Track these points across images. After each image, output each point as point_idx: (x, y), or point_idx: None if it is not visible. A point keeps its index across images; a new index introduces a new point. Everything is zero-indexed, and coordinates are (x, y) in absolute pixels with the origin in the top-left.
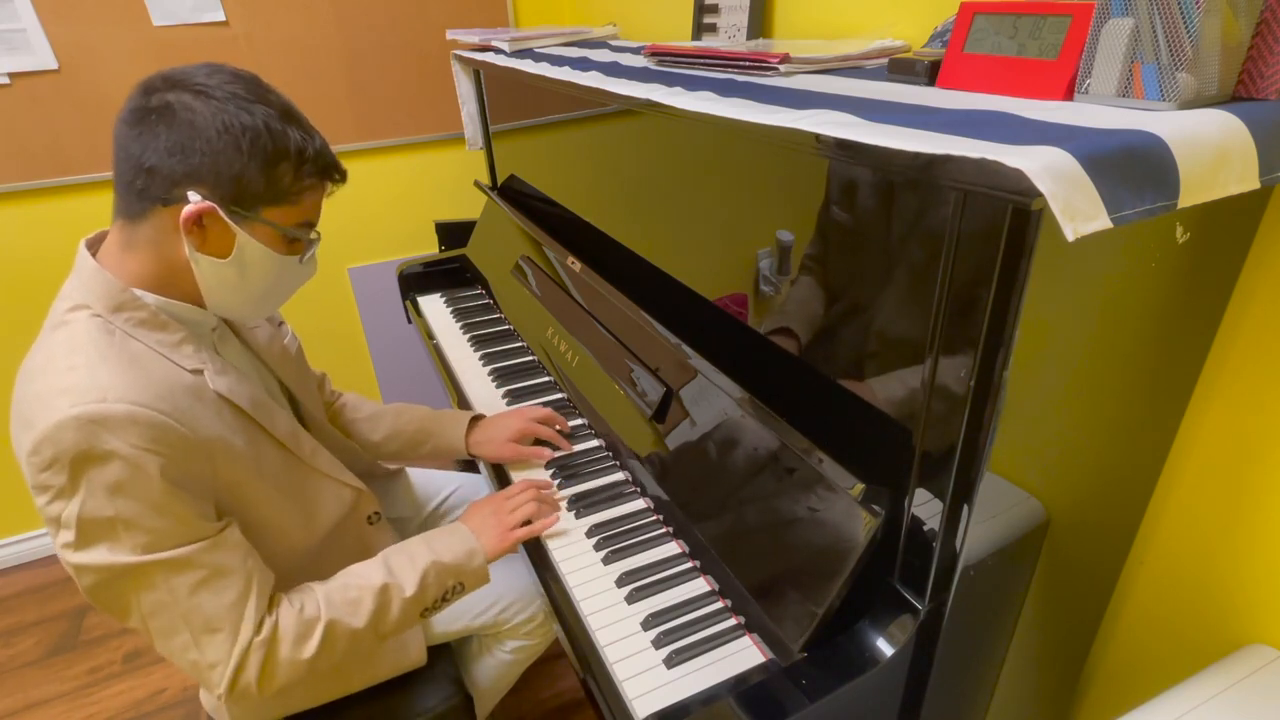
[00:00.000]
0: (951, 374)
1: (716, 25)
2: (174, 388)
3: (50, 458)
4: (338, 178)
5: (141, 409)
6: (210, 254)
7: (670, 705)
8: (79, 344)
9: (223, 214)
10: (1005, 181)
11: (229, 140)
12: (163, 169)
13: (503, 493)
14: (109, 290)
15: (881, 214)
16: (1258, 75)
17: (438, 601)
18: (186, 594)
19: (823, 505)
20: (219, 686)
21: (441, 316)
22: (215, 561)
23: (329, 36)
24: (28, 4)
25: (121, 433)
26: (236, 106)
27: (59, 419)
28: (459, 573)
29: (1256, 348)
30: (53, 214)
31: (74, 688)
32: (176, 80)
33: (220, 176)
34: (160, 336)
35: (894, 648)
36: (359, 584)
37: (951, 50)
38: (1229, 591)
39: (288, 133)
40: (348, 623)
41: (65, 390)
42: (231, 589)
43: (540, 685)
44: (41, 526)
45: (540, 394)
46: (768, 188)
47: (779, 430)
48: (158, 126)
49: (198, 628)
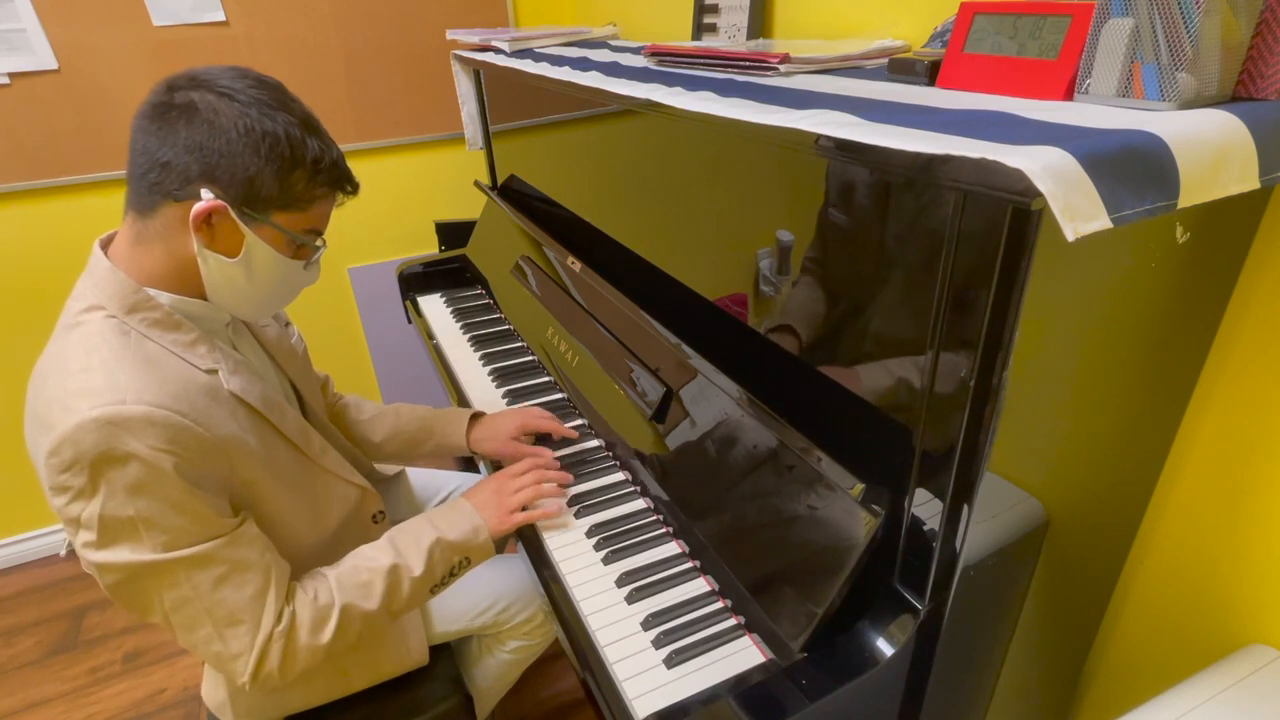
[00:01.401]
0: (951, 374)
1: (716, 25)
2: (189, 388)
3: (70, 459)
4: (349, 189)
5: (159, 410)
6: (218, 252)
7: (670, 705)
8: (95, 345)
9: (233, 214)
10: (1005, 181)
11: (248, 143)
12: (178, 165)
13: (506, 471)
14: (123, 290)
15: (882, 214)
16: (1258, 75)
17: (445, 578)
18: (209, 589)
19: (822, 505)
20: (243, 675)
21: (441, 316)
22: (235, 556)
23: (329, 36)
24: (28, 4)
25: (140, 434)
26: (260, 112)
27: (79, 421)
28: (465, 549)
29: (1256, 348)
30: (53, 214)
31: (74, 688)
32: (202, 80)
33: (235, 177)
34: (175, 337)
35: (894, 648)
36: (368, 567)
37: (951, 50)
38: (1229, 591)
39: (307, 142)
40: (361, 606)
41: (84, 392)
42: (252, 583)
43: (540, 685)
44: (42, 526)
45: (540, 394)
46: (768, 188)
47: (778, 430)
48: (178, 123)
49: (221, 621)
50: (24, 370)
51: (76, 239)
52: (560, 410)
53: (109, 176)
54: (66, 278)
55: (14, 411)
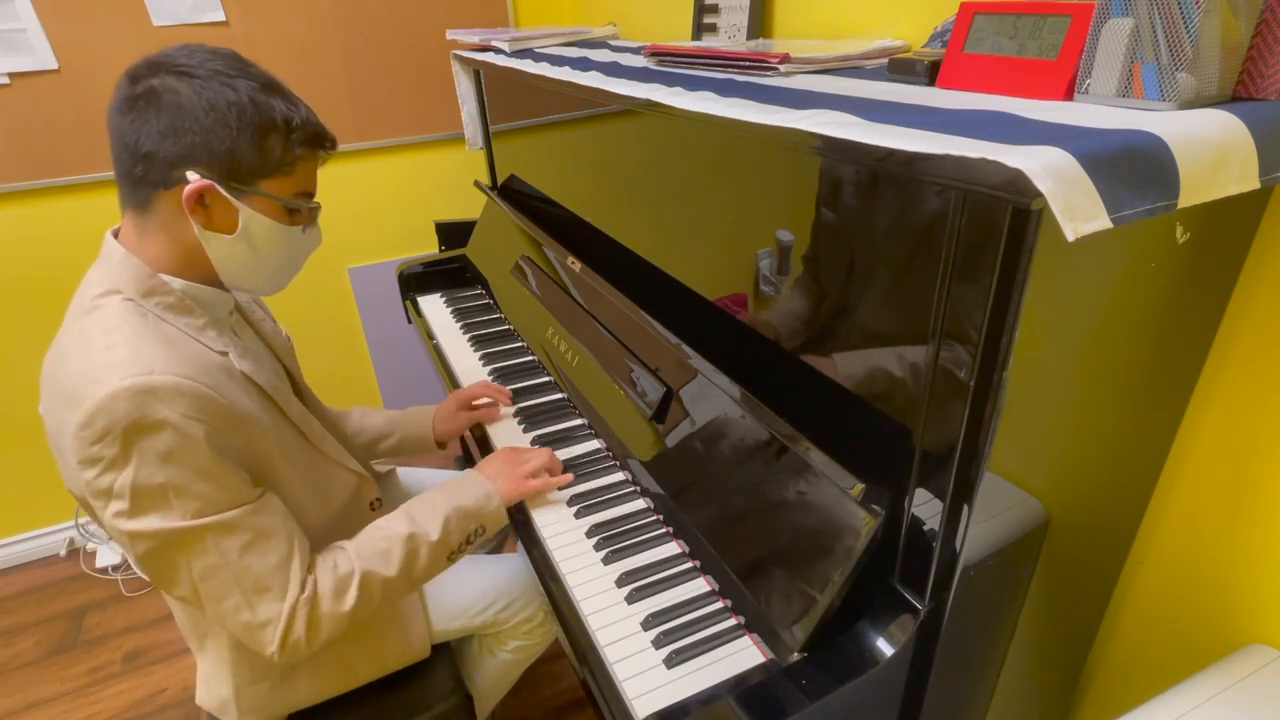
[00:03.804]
0: (951, 374)
1: (716, 25)
2: (208, 365)
3: (103, 429)
4: (328, 145)
5: (186, 380)
6: (217, 231)
7: (670, 705)
8: (115, 325)
9: (222, 190)
10: (1005, 182)
11: (216, 117)
12: (159, 153)
13: (514, 447)
14: (139, 276)
15: (882, 214)
16: (1258, 75)
17: (462, 545)
18: (236, 556)
19: (822, 505)
20: (272, 645)
21: (441, 316)
22: (259, 525)
23: (328, 36)
24: (28, 4)
25: (170, 402)
26: (220, 83)
27: (110, 391)
28: (479, 516)
29: (1256, 348)
30: (53, 214)
31: (74, 688)
32: (158, 64)
33: (214, 153)
34: (188, 320)
35: (894, 648)
36: (386, 535)
37: (951, 50)
38: (1229, 591)
39: (272, 104)
40: (381, 572)
41: (112, 365)
42: (276, 551)
43: (540, 685)
44: (42, 526)
45: (540, 394)
46: (768, 188)
47: (779, 430)
48: (147, 112)
49: (249, 588)
50: (23, 370)
51: (76, 239)
52: (560, 410)
53: (109, 176)
54: (66, 277)
55: (14, 411)
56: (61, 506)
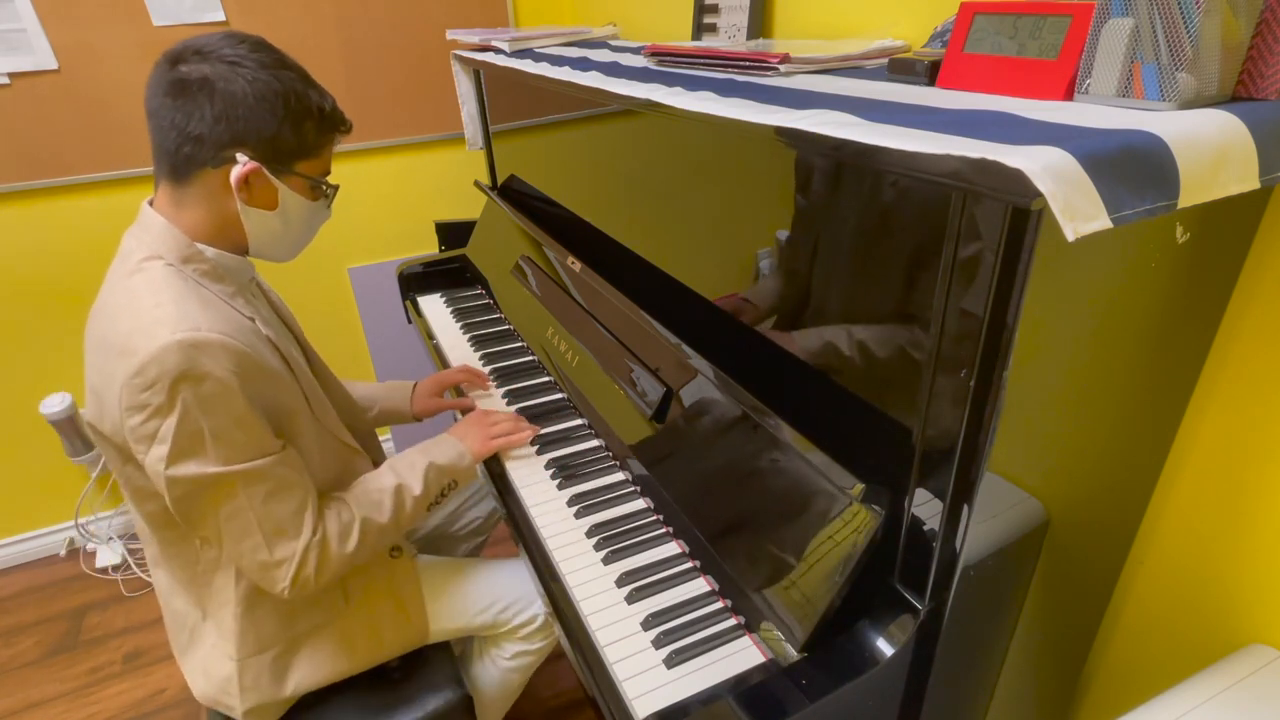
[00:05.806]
0: (951, 374)
1: (716, 25)
2: (242, 326)
3: (154, 377)
4: (344, 129)
5: (228, 338)
6: (258, 207)
7: (670, 705)
8: (160, 286)
9: (266, 172)
10: (1005, 181)
11: (266, 107)
12: (211, 136)
13: (484, 410)
14: (179, 244)
15: (881, 214)
16: (1258, 75)
17: (438, 497)
18: (260, 501)
19: (822, 505)
20: (284, 581)
21: (441, 316)
22: (281, 474)
23: (329, 36)
24: (28, 4)
25: (215, 356)
26: (269, 75)
27: (163, 344)
28: (453, 471)
29: (1256, 348)
30: (53, 214)
31: (74, 688)
32: (206, 51)
33: (261, 138)
34: (220, 287)
35: (894, 648)
36: (378, 487)
37: (951, 50)
38: (1229, 591)
39: (309, 94)
40: (375, 519)
41: (163, 321)
42: (294, 499)
43: (540, 685)
44: (42, 526)
45: (540, 394)
46: (767, 188)
47: (778, 430)
48: (199, 96)
49: (269, 531)
50: (24, 370)
51: (76, 239)
52: (560, 410)
53: (109, 176)
54: (66, 277)
55: (14, 412)
56: (61, 506)
